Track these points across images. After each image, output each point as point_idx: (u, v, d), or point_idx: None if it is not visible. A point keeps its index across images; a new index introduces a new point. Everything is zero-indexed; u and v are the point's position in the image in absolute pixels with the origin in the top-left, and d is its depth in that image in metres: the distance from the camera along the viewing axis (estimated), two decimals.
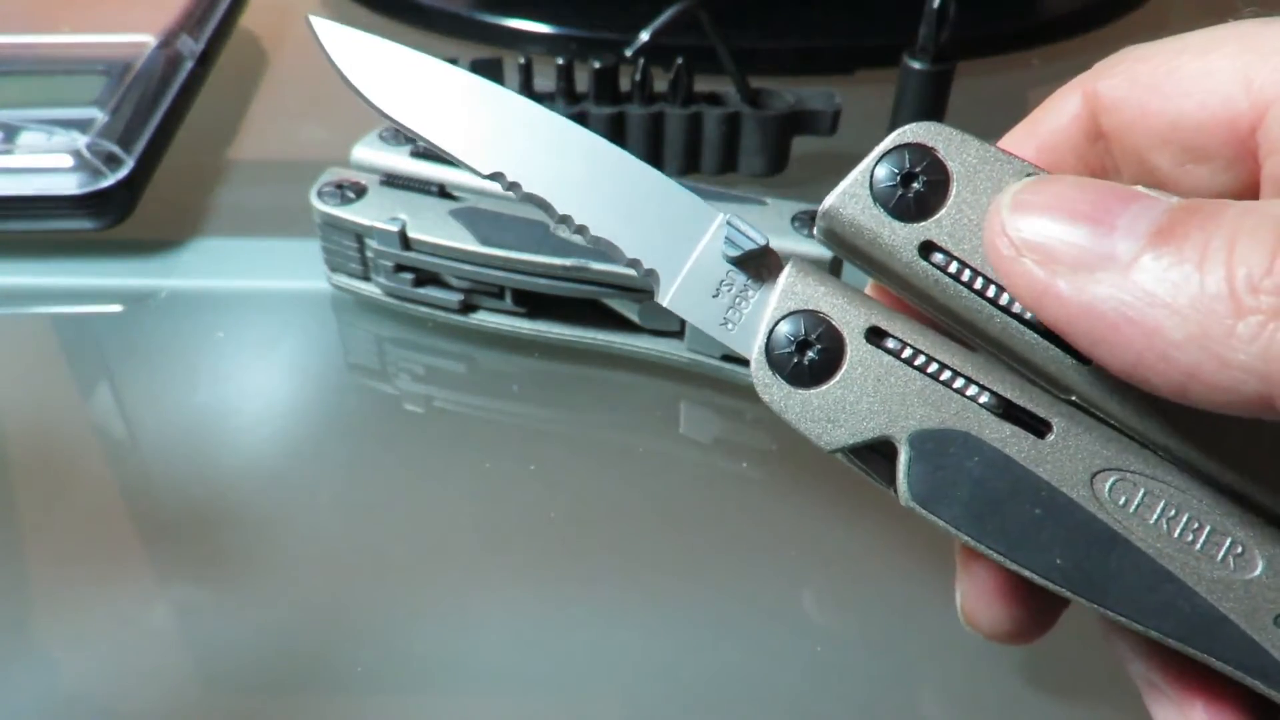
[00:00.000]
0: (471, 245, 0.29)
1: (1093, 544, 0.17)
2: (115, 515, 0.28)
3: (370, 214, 0.31)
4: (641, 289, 0.29)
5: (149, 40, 0.40)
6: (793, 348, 0.18)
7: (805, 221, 0.30)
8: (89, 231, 0.34)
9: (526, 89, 0.35)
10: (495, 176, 0.20)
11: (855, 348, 0.18)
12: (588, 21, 0.45)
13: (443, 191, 0.31)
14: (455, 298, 0.31)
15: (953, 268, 0.17)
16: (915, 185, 0.18)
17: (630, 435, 0.30)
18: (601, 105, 0.35)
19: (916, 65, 0.35)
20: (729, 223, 0.19)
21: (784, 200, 0.31)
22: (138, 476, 0.29)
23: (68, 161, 0.34)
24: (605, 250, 0.20)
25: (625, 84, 0.36)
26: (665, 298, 0.19)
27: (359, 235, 0.31)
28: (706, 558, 0.27)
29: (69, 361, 0.33)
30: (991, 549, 0.17)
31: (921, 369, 0.18)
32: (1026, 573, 0.17)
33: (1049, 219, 0.15)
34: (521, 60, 0.35)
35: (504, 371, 0.32)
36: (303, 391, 0.32)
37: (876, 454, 0.18)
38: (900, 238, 0.18)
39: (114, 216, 0.34)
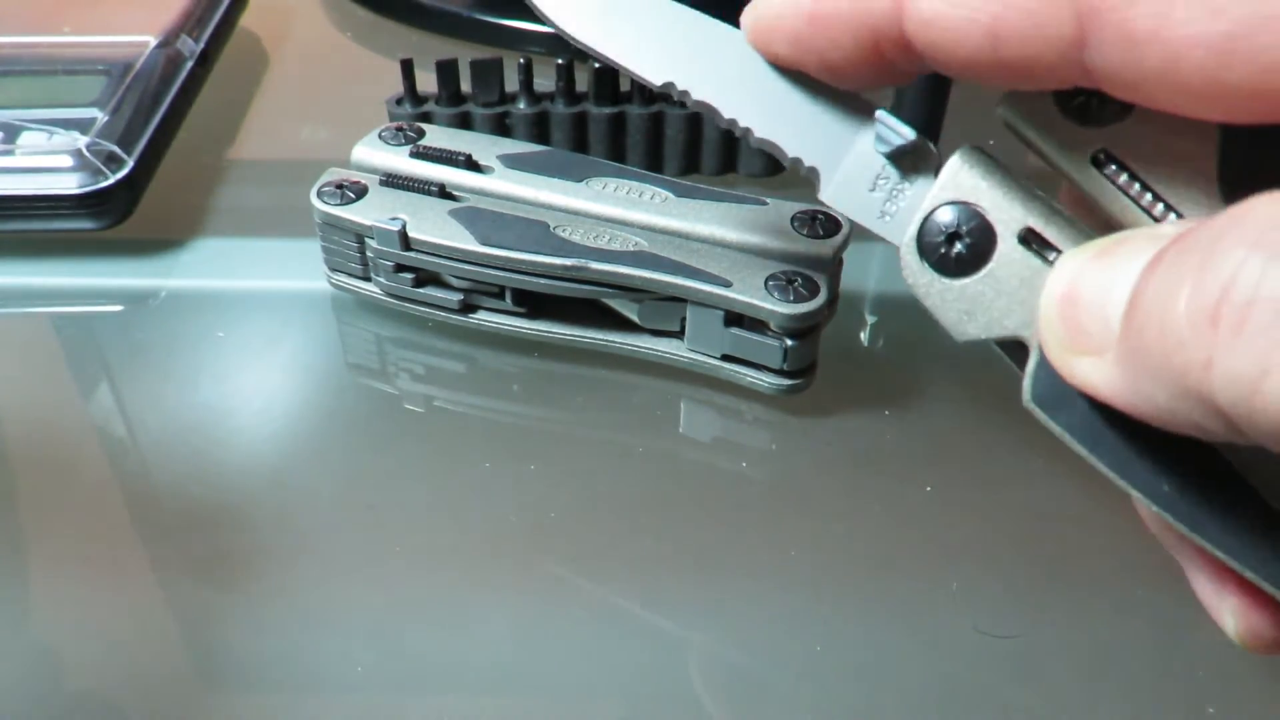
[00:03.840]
0: (471, 245, 0.29)
1: (1207, 478, 0.16)
2: (115, 515, 0.28)
3: (370, 214, 0.31)
4: (641, 289, 0.29)
5: (149, 40, 0.40)
6: (943, 237, 0.18)
7: (805, 221, 0.30)
8: (89, 231, 0.34)
9: (527, 89, 0.36)
10: (667, 86, 0.22)
11: (1006, 247, 0.18)
12: None
13: (443, 191, 0.31)
14: (455, 298, 0.31)
15: (1123, 179, 0.17)
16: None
17: (630, 435, 0.30)
18: (601, 105, 0.35)
19: None
20: (879, 118, 0.19)
21: (784, 200, 0.31)
22: (138, 476, 0.29)
23: (68, 161, 0.34)
24: (768, 150, 0.21)
25: (625, 84, 0.36)
26: (825, 194, 0.20)
27: (359, 235, 0.31)
28: (706, 558, 0.27)
29: (69, 361, 0.33)
30: (1101, 463, 0.17)
31: None
32: (1133, 491, 0.17)
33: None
34: (521, 60, 0.35)
35: (504, 371, 0.32)
36: (303, 391, 0.32)
37: (1008, 344, 0.18)
38: (1074, 142, 0.17)
39: (114, 216, 0.34)
